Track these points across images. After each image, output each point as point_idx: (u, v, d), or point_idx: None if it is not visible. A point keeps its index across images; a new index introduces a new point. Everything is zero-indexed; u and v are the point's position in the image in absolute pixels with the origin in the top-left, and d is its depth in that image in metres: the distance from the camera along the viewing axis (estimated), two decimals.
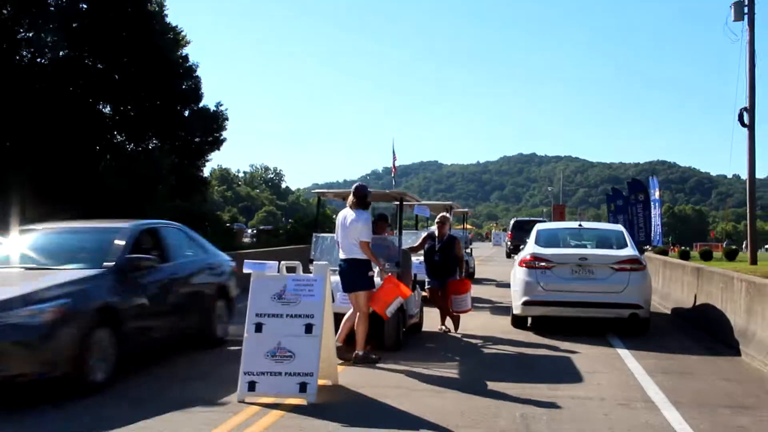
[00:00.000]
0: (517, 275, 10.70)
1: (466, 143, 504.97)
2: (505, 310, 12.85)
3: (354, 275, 7.83)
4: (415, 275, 9.96)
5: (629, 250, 10.50)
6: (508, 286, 18.22)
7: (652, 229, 37.82)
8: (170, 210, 27.89)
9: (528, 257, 10.47)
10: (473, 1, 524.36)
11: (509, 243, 35.58)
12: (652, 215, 37.94)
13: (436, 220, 10.28)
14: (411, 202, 10.15)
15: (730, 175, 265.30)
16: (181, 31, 41.94)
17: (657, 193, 37.25)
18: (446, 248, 10.12)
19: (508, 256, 34.49)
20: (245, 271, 6.49)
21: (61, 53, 31.75)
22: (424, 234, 10.59)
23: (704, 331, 10.29)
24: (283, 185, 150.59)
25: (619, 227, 12.56)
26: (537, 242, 10.94)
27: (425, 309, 10.67)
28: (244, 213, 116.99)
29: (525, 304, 10.31)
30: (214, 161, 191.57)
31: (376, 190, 9.31)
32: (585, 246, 11.65)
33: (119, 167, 27.86)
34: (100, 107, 39.51)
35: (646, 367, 7.77)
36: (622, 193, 40.64)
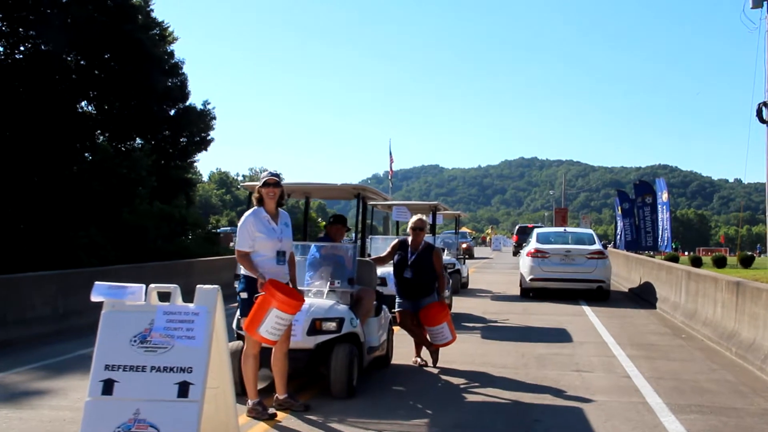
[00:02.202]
0: (525, 262, 16.12)
1: (468, 147, 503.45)
2: (501, 332, 10.64)
3: None
4: (381, 292, 7.77)
5: (597, 246, 16.02)
6: (505, 299, 16.13)
7: (660, 233, 35.54)
8: (147, 213, 25.97)
9: (533, 250, 15.89)
10: (474, 7, 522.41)
11: (515, 243, 43.36)
12: (660, 219, 35.65)
13: (410, 224, 8.03)
14: (375, 199, 7.93)
15: (731, 179, 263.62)
16: (168, 27, 40.08)
17: (665, 196, 34.87)
18: (421, 261, 7.88)
19: (515, 254, 39.96)
20: (94, 298, 4.30)
21: (40, 48, 29.91)
22: (394, 241, 8.34)
23: (754, 366, 8.08)
24: None
25: (590, 231, 18.80)
26: (537, 240, 16.45)
27: (398, 333, 8.50)
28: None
29: (531, 280, 15.75)
30: (213, 164, 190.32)
31: (322, 183, 7.10)
32: (568, 242, 16.46)
33: (96, 168, 26.01)
34: (83, 105, 37.75)
35: (690, 429, 5.55)
36: (629, 195, 38.42)
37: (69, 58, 33.45)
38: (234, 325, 6.45)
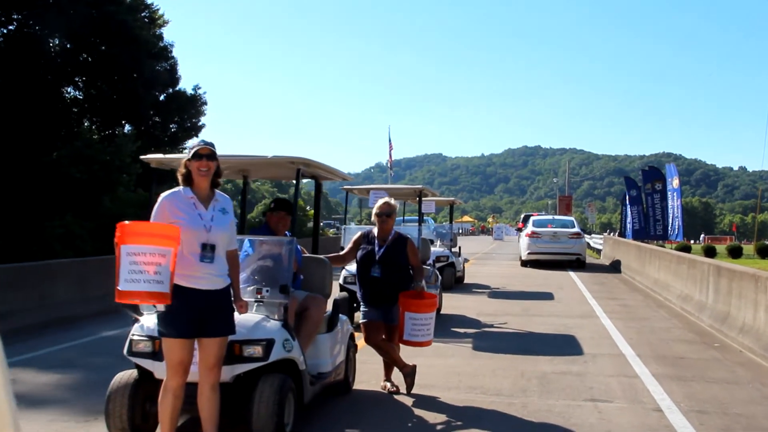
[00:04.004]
0: (524, 241, 22.02)
1: (471, 136, 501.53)
2: (496, 340, 8.84)
3: None
4: (339, 301, 6.02)
5: (576, 229, 21.85)
6: (505, 296, 14.23)
7: (670, 221, 33.72)
8: (127, 201, 24.54)
9: (530, 232, 21.62)
10: None
11: (518, 229, 46.34)
12: (670, 206, 33.80)
13: (375, 209, 6.25)
14: (328, 177, 6.11)
15: (736, 167, 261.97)
16: (158, 9, 38.65)
17: (676, 182, 32.96)
18: (392, 254, 6.11)
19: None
20: None
21: (23, 30, 28.34)
22: (356, 233, 6.55)
23: None
24: None
25: (572, 218, 25.73)
26: (533, 225, 22.20)
27: (361, 350, 6.76)
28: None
29: (528, 254, 21.45)
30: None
31: (247, 156, 5.31)
32: (556, 227, 21.84)
33: (76, 154, 24.52)
34: (69, 90, 36.39)
35: None
36: (636, 183, 36.58)
37: (54, 42, 31.85)
38: (125, 350, 4.70)
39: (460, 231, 77.09)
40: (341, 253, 6.42)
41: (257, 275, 5.25)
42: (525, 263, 21.77)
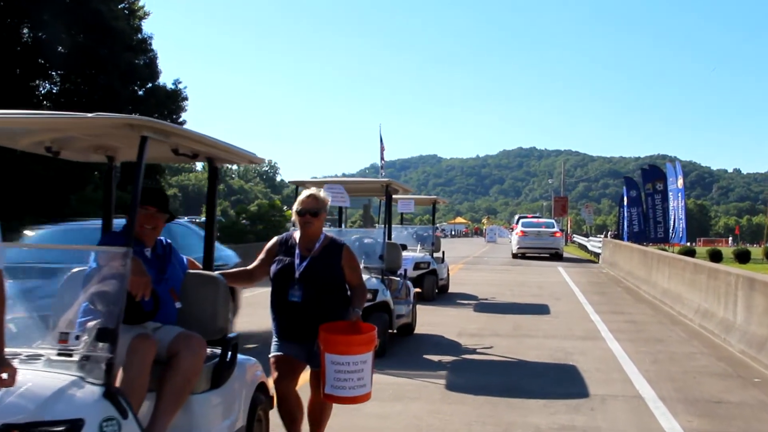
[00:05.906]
0: (514, 238, 29.46)
1: (466, 137, 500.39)
2: (478, 373, 6.91)
3: None
4: (231, 339, 4.09)
5: (555, 229, 29.84)
6: (493, 309, 11.91)
7: (672, 224, 31.95)
8: (96, 200, 22.94)
9: (519, 232, 28.76)
10: None
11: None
12: (672, 208, 32.05)
13: (295, 205, 4.34)
14: (209, 151, 4.15)
15: (731, 170, 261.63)
16: (137, 0, 36.90)
17: (680, 182, 31.18)
18: (319, 271, 4.21)
19: None
20: None
21: None
22: (271, 241, 4.62)
23: None
24: (278, 178, 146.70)
25: (552, 220, 33.77)
26: (522, 226, 29.26)
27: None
28: (236, 206, 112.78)
29: (518, 249, 28.40)
30: None
31: (53, 114, 3.42)
32: (540, 226, 29.09)
33: None
34: (44, 83, 34.74)
35: None
36: (637, 183, 34.86)
37: (26, 33, 30.15)
38: None
39: (453, 233, 75.26)
40: (249, 267, 4.48)
41: (94, 304, 3.39)
42: (515, 255, 28.15)
